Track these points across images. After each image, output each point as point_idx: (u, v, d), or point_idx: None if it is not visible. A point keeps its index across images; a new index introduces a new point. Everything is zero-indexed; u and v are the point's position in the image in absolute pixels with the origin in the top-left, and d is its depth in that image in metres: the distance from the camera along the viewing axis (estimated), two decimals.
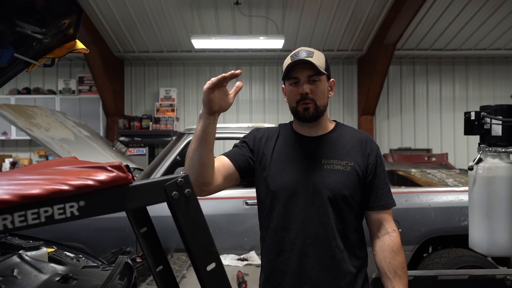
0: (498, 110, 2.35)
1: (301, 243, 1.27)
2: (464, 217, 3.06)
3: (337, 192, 1.26)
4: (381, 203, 1.31)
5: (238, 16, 5.80)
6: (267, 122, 7.17)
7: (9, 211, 0.54)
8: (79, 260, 1.21)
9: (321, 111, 1.32)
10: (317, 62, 1.27)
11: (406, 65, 7.42)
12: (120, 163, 0.67)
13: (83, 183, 0.60)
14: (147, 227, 0.84)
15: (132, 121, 6.88)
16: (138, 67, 7.49)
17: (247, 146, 1.38)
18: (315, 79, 1.29)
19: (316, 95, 1.29)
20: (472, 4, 5.57)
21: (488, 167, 2.34)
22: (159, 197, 0.67)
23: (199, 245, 0.71)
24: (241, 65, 7.45)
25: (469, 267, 2.93)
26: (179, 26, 6.11)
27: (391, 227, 1.31)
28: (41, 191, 0.57)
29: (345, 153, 1.31)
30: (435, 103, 7.44)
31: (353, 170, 1.28)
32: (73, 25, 1.24)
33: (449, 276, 1.54)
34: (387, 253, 1.27)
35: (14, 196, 0.55)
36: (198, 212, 0.71)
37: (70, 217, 0.58)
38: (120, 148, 4.64)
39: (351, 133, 1.38)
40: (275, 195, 1.30)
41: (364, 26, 6.06)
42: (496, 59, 7.31)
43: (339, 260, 1.27)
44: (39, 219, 0.56)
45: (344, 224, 1.29)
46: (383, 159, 1.40)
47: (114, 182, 0.63)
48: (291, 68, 1.29)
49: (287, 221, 1.28)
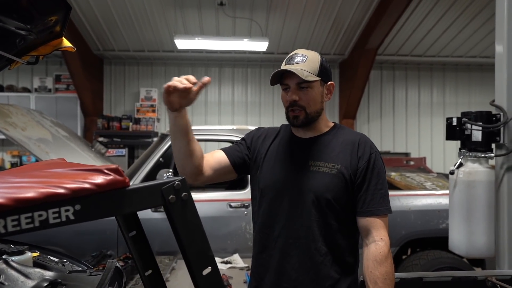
0: (478, 117, 2.43)
1: (283, 242, 1.28)
2: (442, 219, 3.15)
3: (320, 194, 1.25)
4: (368, 209, 1.26)
5: (222, 17, 5.77)
6: (249, 124, 7.17)
7: (2, 215, 0.52)
8: (64, 265, 1.17)
9: (312, 117, 1.31)
10: (308, 68, 1.26)
11: (387, 70, 7.57)
12: (117, 166, 0.65)
13: (80, 186, 0.58)
14: (136, 231, 0.82)
15: (111, 121, 6.73)
16: (118, 66, 7.34)
17: (245, 143, 1.41)
18: (304, 86, 1.27)
19: (306, 102, 1.28)
20: (450, 13, 5.74)
21: (468, 172, 2.40)
22: (156, 200, 0.66)
23: (196, 249, 0.70)
24: (223, 66, 7.41)
25: (447, 269, 3.01)
26: (162, 25, 6.02)
27: (379, 235, 1.24)
28: (36, 195, 0.54)
29: (334, 155, 1.29)
30: (413, 108, 7.63)
31: (339, 173, 1.26)
32: (60, 22, 1.19)
33: (434, 278, 1.56)
34: (370, 262, 1.22)
35: (8, 199, 0.52)
36: (194, 216, 0.70)
37: (65, 221, 0.56)
38: (100, 149, 4.52)
39: (346, 135, 1.35)
40: (263, 193, 1.33)
41: (347, 31, 6.15)
42: (472, 67, 7.56)
43: (318, 263, 1.26)
44: (33, 224, 0.54)
45: (328, 228, 1.27)
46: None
47: (111, 186, 0.61)
48: (283, 73, 1.28)
49: (271, 219, 1.31)
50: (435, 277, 1.58)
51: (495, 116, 2.40)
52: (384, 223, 1.27)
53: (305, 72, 1.24)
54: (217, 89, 7.45)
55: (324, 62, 1.32)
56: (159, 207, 0.70)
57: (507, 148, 2.38)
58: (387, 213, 1.28)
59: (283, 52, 6.94)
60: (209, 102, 7.43)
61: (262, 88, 7.46)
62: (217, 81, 7.44)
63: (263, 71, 7.45)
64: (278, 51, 6.85)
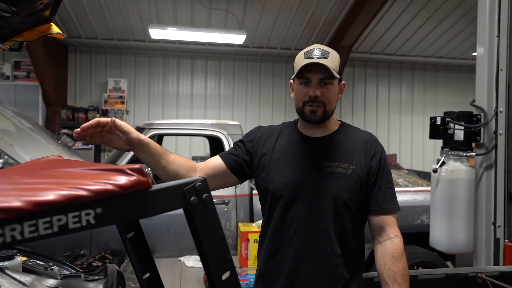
0: (460, 117, 2.49)
1: (296, 245, 1.25)
2: (417, 215, 3.24)
3: (337, 196, 1.24)
4: (382, 207, 1.26)
5: (198, 8, 5.60)
6: (222, 118, 7.05)
7: (19, 220, 0.47)
8: (52, 269, 1.10)
9: (329, 115, 1.29)
10: (332, 65, 1.22)
11: (359, 68, 7.70)
12: (140, 166, 0.59)
13: (103, 188, 0.54)
14: (134, 232, 0.79)
15: (76, 113, 6.38)
16: (84, 54, 6.95)
17: (243, 146, 1.36)
18: (327, 82, 1.24)
19: (327, 98, 1.25)
20: (421, 15, 5.91)
21: (451, 170, 2.46)
22: (178, 202, 0.63)
23: (216, 253, 0.67)
24: (196, 58, 7.22)
25: (421, 263, 3.11)
26: (133, 13, 5.75)
27: (394, 232, 1.25)
28: (57, 197, 0.50)
29: (347, 155, 1.27)
30: (383, 106, 7.83)
31: (355, 173, 1.25)
32: (51, 7, 1.06)
33: (428, 276, 1.60)
34: (387, 259, 1.22)
35: (26, 203, 0.47)
36: (215, 218, 0.67)
37: (85, 226, 0.52)
38: (67, 141, 4.26)
39: (355, 134, 1.33)
40: (275, 195, 1.28)
41: (322, 27, 6.18)
42: (439, 67, 7.85)
43: (333, 265, 1.25)
44: (52, 229, 0.50)
45: (343, 229, 1.26)
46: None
47: (134, 187, 0.57)
48: (304, 67, 1.22)
49: (284, 222, 1.27)
50: (429, 275, 1.62)
51: (476, 116, 2.47)
52: (396, 220, 1.29)
53: (331, 68, 1.21)
54: (189, 82, 7.26)
55: (341, 61, 1.31)
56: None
57: (486, 148, 2.46)
58: (397, 210, 1.29)
59: (258, 46, 6.86)
60: (181, 95, 7.23)
61: (236, 82, 7.36)
62: (190, 73, 7.25)
63: (237, 65, 7.34)
64: (253, 45, 6.77)
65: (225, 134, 3.13)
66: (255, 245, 2.44)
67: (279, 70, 7.43)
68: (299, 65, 1.24)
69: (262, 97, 7.43)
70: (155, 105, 7.15)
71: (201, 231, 0.65)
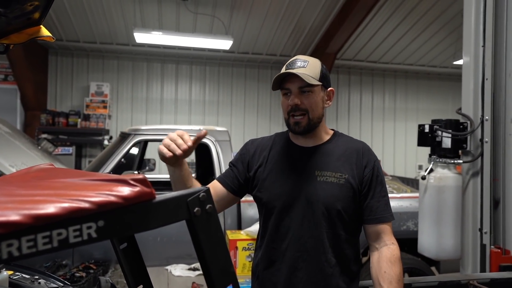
0: (448, 124, 2.53)
1: (291, 255, 1.26)
2: (403, 222, 3.27)
3: (330, 205, 1.24)
4: (376, 216, 1.27)
5: (183, 12, 5.55)
6: (207, 124, 6.99)
7: (16, 235, 0.44)
8: (40, 283, 1.07)
9: (315, 123, 1.28)
10: (310, 73, 1.24)
11: (343, 75, 7.79)
12: (144, 176, 0.57)
13: (106, 199, 0.51)
14: (128, 243, 0.78)
15: (57, 117, 6.21)
16: (65, 57, 6.78)
17: (241, 164, 1.37)
18: (306, 90, 1.25)
19: (308, 106, 1.26)
20: (404, 24, 6.03)
21: (439, 177, 2.49)
22: (182, 214, 0.61)
23: (219, 266, 0.66)
24: (181, 63, 7.15)
25: (407, 269, 3.14)
26: (118, 16, 5.65)
27: (390, 239, 1.27)
28: (58, 210, 0.47)
29: (340, 164, 1.28)
30: (367, 113, 7.93)
31: (347, 182, 1.25)
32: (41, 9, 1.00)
33: (422, 283, 1.61)
34: (384, 263, 1.22)
35: (26, 216, 0.45)
36: (218, 230, 0.65)
37: (86, 240, 0.50)
38: (47, 147, 4.12)
39: (347, 143, 1.34)
40: (268, 206, 1.30)
41: (308, 34, 6.22)
42: (420, 75, 8.02)
43: (328, 275, 1.25)
44: (51, 244, 0.47)
45: (337, 239, 1.26)
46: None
47: (138, 198, 0.55)
48: (283, 78, 1.26)
49: (279, 233, 1.28)
50: (423, 282, 1.62)
51: (462, 124, 2.51)
52: (391, 229, 1.30)
53: (307, 76, 1.22)
54: (173, 87, 7.17)
55: (324, 68, 1.32)
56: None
57: (472, 155, 2.50)
58: (391, 219, 1.29)
59: (243, 52, 6.86)
60: (165, 100, 7.13)
61: (221, 87, 7.32)
62: (174, 78, 7.17)
63: (222, 70, 7.31)
64: (238, 50, 6.75)
65: (212, 141, 3.09)
66: (244, 253, 2.41)
67: (264, 76, 7.43)
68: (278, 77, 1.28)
69: (247, 103, 7.41)
70: (139, 110, 7.03)
71: (205, 243, 0.63)
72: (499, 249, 2.42)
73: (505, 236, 2.46)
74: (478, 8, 2.52)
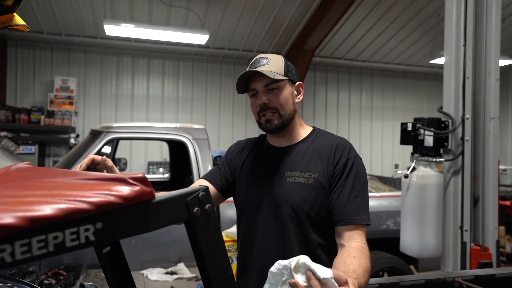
0: (430, 123, 2.50)
1: (262, 260, 1.20)
2: (383, 221, 3.24)
3: (296, 207, 1.16)
4: (345, 217, 1.12)
5: (157, 4, 5.30)
6: (180, 121, 6.77)
7: (9, 239, 0.42)
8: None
9: (287, 120, 1.22)
10: (273, 69, 1.19)
11: (320, 72, 7.74)
12: (143, 175, 0.54)
13: (105, 200, 0.49)
14: (111, 246, 0.76)
15: (17, 113, 5.80)
16: (26, 49, 6.35)
17: (228, 165, 1.34)
18: (273, 88, 1.20)
19: (277, 103, 1.20)
20: (381, 23, 6.03)
21: (421, 176, 2.46)
22: (181, 214, 0.59)
23: (218, 267, 0.64)
24: (153, 58, 6.88)
25: (387, 269, 3.12)
26: (86, 7, 5.33)
27: (362, 240, 1.10)
28: (55, 212, 0.45)
29: (311, 164, 1.19)
30: (344, 111, 7.93)
31: (317, 182, 1.16)
32: None
33: (409, 282, 1.61)
34: (354, 250, 1.04)
35: (20, 219, 0.42)
36: (217, 231, 0.64)
37: (84, 243, 0.48)
38: (8, 145, 3.83)
39: (324, 140, 1.24)
40: (241, 208, 1.28)
41: (285, 30, 6.11)
42: (396, 73, 8.08)
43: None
44: (47, 248, 0.45)
45: (308, 244, 1.17)
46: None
47: (138, 198, 0.53)
48: (247, 79, 1.23)
49: (250, 236, 1.24)
50: (410, 281, 1.63)
51: (444, 122, 2.49)
52: (364, 233, 1.13)
53: (271, 72, 1.18)
54: (145, 83, 6.89)
55: (287, 63, 1.27)
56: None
57: (453, 153, 2.49)
58: (363, 223, 1.12)
59: (219, 47, 6.68)
60: (136, 96, 6.84)
61: (195, 84, 7.11)
62: (146, 74, 6.89)
63: (196, 66, 7.10)
64: (214, 46, 6.57)
65: (190, 139, 2.92)
66: None
67: (240, 73, 7.27)
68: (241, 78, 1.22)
69: (223, 100, 7.24)
70: (108, 107, 6.70)
71: (203, 244, 0.62)
72: (479, 246, 2.43)
73: (484, 233, 2.47)
74: (459, 8, 2.51)
